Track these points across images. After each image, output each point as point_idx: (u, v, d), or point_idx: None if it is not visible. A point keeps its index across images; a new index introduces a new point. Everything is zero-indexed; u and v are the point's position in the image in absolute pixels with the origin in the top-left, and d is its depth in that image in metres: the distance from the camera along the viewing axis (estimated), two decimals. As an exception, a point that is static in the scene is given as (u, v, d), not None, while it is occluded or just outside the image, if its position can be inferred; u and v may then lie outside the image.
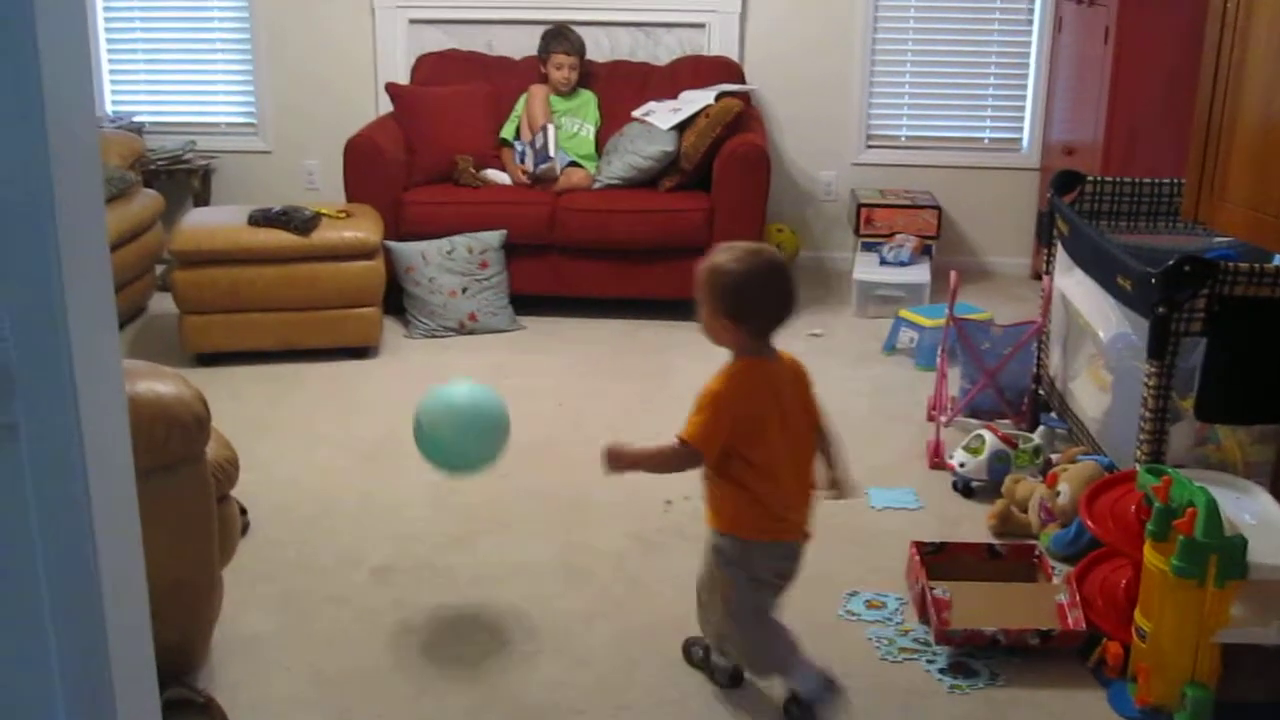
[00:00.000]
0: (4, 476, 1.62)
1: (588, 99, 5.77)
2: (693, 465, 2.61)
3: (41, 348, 1.57)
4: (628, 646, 2.93)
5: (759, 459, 2.55)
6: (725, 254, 2.58)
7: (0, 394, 1.58)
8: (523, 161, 5.50)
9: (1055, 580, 3.06)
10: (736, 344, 2.59)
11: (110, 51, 6.33)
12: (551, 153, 5.38)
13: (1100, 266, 3.42)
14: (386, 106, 5.76)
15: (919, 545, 3.15)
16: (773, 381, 2.60)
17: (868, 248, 5.74)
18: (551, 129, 5.46)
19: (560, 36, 5.71)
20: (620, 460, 2.66)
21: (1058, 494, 3.33)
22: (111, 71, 6.36)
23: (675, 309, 5.33)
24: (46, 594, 1.67)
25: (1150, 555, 2.62)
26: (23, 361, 1.57)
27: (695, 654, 2.85)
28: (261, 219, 4.76)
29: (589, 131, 5.71)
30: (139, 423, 2.37)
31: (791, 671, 2.63)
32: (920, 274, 5.48)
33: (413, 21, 6.09)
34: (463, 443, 2.90)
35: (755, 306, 2.55)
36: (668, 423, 4.13)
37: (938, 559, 3.12)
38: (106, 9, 6.26)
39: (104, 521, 1.68)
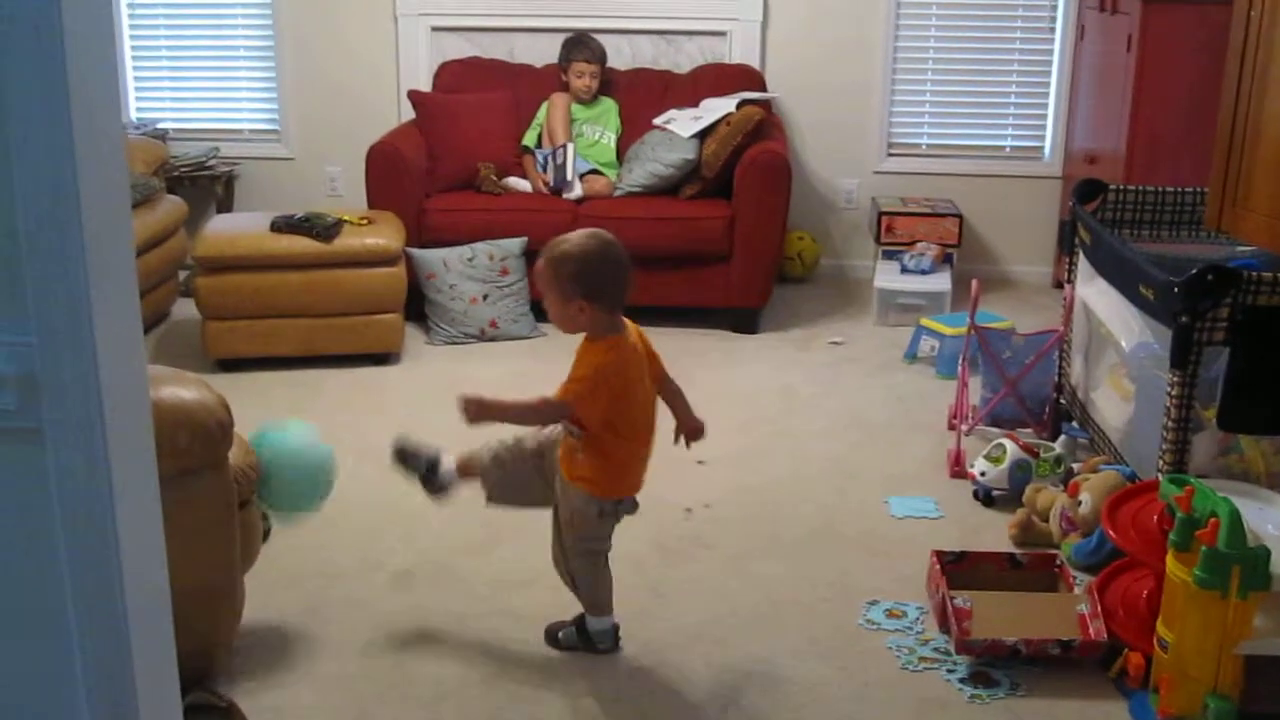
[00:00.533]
0: (29, 481, 1.64)
1: (609, 107, 5.77)
2: (554, 421, 2.87)
3: (67, 353, 1.58)
4: (647, 654, 2.93)
5: (625, 428, 2.79)
6: (565, 243, 2.77)
7: (26, 399, 1.60)
8: (544, 170, 5.52)
9: (1077, 590, 3.05)
10: (594, 324, 2.76)
11: (135, 58, 6.38)
12: (569, 175, 5.41)
13: (1123, 275, 3.41)
14: (409, 113, 5.78)
15: (939, 554, 3.15)
16: (635, 354, 2.81)
17: (889, 256, 5.73)
18: (570, 148, 5.47)
19: (581, 45, 5.72)
20: (482, 410, 2.79)
21: (1079, 504, 3.31)
22: (136, 78, 6.40)
23: (696, 317, 5.34)
24: (70, 597, 1.68)
25: (1173, 566, 2.61)
26: (48, 367, 1.59)
27: (558, 637, 2.98)
28: (284, 225, 4.79)
29: (610, 139, 5.71)
30: (162, 428, 2.38)
31: (604, 612, 2.93)
32: (941, 282, 5.47)
33: (435, 29, 6.11)
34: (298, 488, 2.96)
35: (606, 284, 2.74)
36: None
37: (958, 568, 3.11)
38: (131, 16, 6.30)
39: (127, 526, 1.69)
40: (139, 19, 6.33)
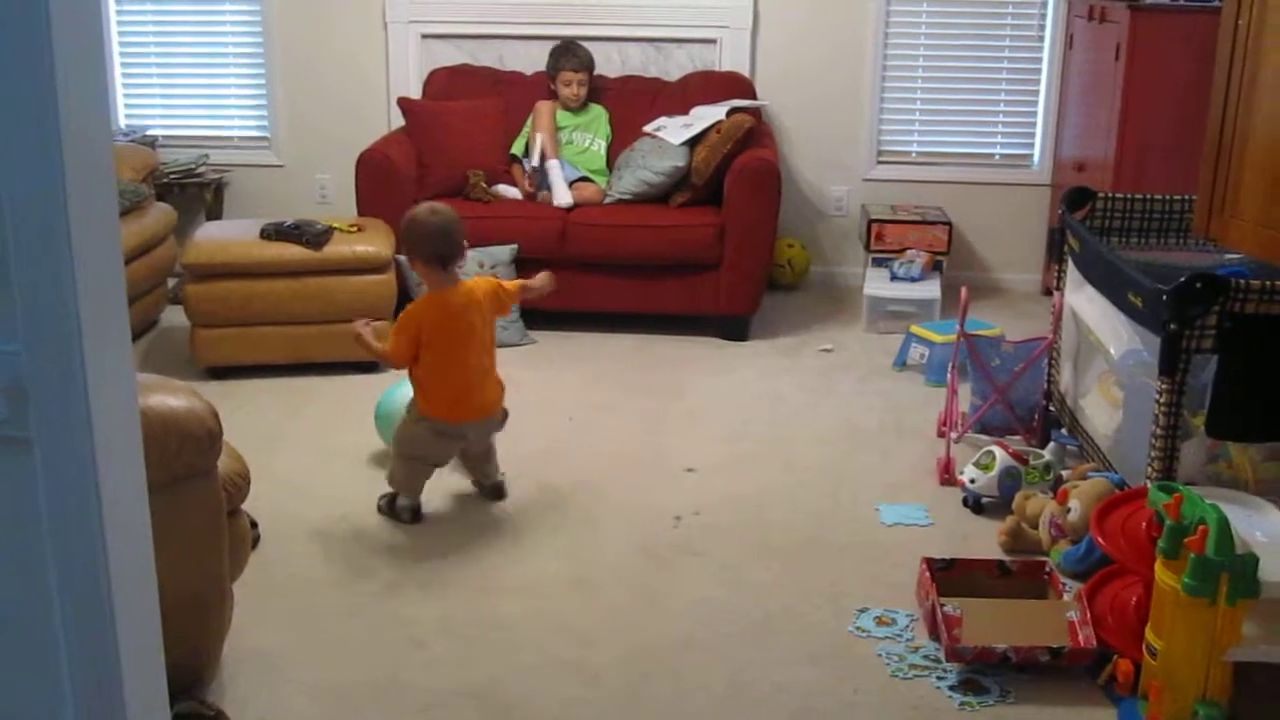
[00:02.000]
0: (18, 490, 1.63)
1: (598, 114, 5.78)
2: (390, 364, 3.78)
3: (55, 362, 1.58)
4: (637, 662, 2.93)
5: (437, 363, 3.53)
6: (411, 213, 3.60)
7: (14, 408, 1.59)
8: (530, 178, 5.53)
9: (1066, 597, 3.06)
10: (431, 280, 3.54)
11: (124, 64, 6.37)
12: (552, 188, 5.44)
13: (1111, 283, 3.42)
14: (399, 121, 5.78)
15: (929, 561, 3.15)
16: (452, 306, 3.53)
17: (878, 263, 5.74)
18: (554, 164, 5.49)
19: (568, 53, 5.73)
20: (359, 342, 3.63)
21: (1068, 510, 3.32)
22: (125, 84, 6.39)
23: (687, 324, 5.34)
24: (58, 606, 1.68)
25: (1161, 573, 2.62)
26: (36, 375, 1.58)
27: (381, 505, 3.69)
28: (274, 233, 4.78)
29: (600, 146, 5.71)
30: (151, 436, 2.37)
31: (410, 496, 3.64)
32: (931, 290, 5.48)
33: (425, 36, 6.11)
34: None
35: (429, 247, 3.50)
36: (679, 437, 4.21)
37: (948, 575, 3.12)
38: (121, 22, 6.29)
39: (116, 535, 1.68)
40: (128, 25, 6.32)
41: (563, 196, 5.39)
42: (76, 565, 1.66)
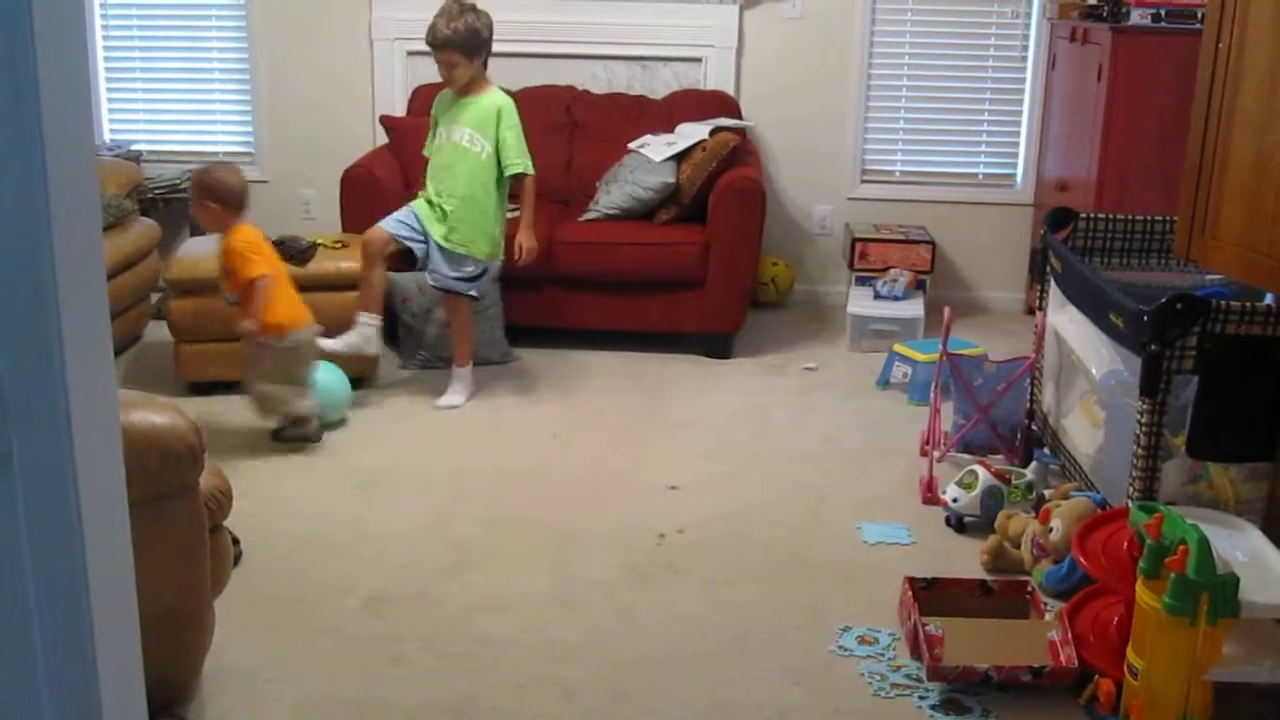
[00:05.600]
0: (-2, 505, 1.62)
1: (486, 106, 4.69)
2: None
3: (36, 374, 1.57)
4: (617, 680, 2.92)
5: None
6: (214, 171, 4.39)
7: (-7, 422, 1.58)
8: None
9: (1048, 617, 3.06)
10: (226, 223, 4.29)
11: (109, 79, 6.36)
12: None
13: (1093, 303, 3.44)
14: (384, 137, 5.78)
15: (911, 580, 3.15)
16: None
17: (862, 282, 5.76)
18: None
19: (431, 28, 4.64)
20: (251, 331, 4.22)
21: (1050, 530, 3.33)
22: (110, 99, 6.38)
23: (671, 342, 5.35)
24: (37, 623, 1.66)
25: (1142, 593, 2.63)
26: (16, 388, 1.57)
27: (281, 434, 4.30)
28: (258, 248, 4.76)
29: (482, 148, 4.66)
30: (132, 452, 2.36)
31: (294, 413, 4.26)
32: (914, 308, 5.50)
33: (411, 53, 6.11)
34: None
35: (239, 197, 4.30)
36: (662, 454, 4.22)
37: (930, 594, 3.12)
38: (106, 37, 6.29)
39: (97, 551, 1.67)
40: (113, 39, 6.31)
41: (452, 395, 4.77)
42: (56, 580, 1.65)
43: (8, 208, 1.52)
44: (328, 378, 4.44)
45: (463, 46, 4.58)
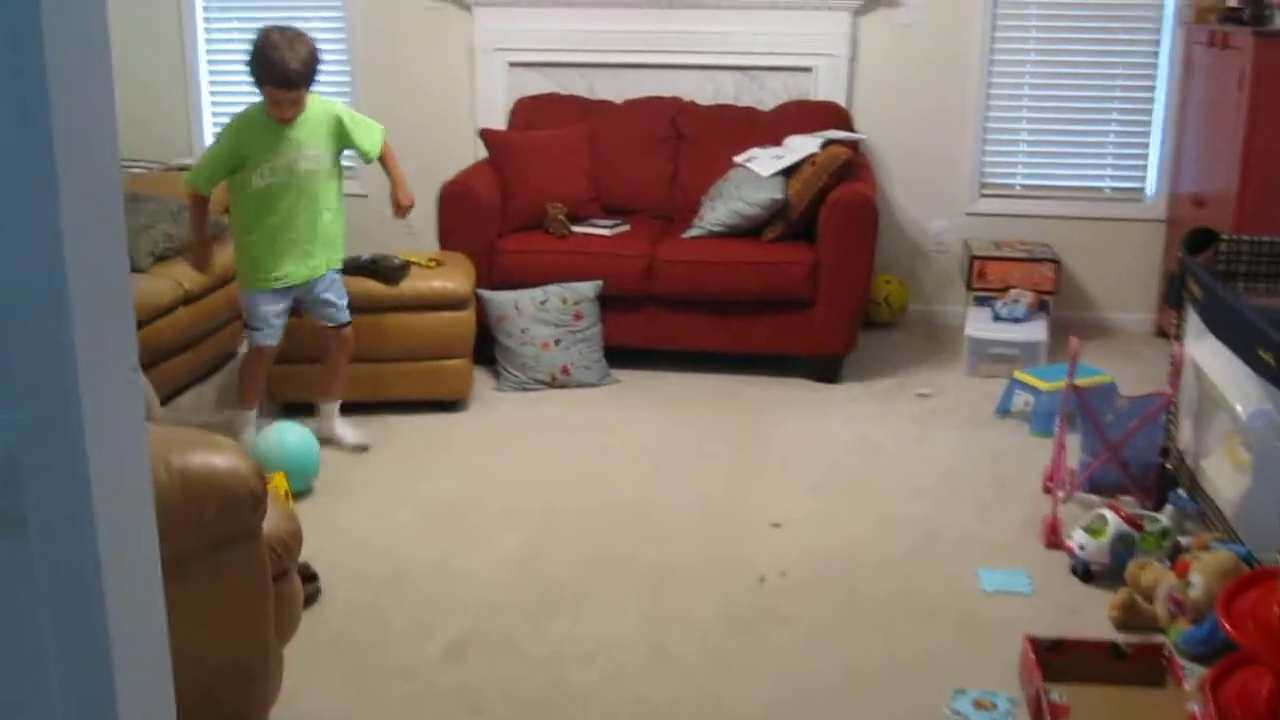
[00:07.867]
0: (12, 573, 1.48)
1: (317, 114, 4.33)
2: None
3: (50, 435, 1.42)
4: (712, 742, 2.71)
5: None
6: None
7: (7, 484, 1.44)
8: None
9: (1186, 685, 2.77)
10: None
11: (212, 86, 6.38)
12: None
13: (1238, 335, 3.14)
14: (484, 151, 5.64)
15: (1034, 641, 2.88)
16: None
17: (981, 302, 5.46)
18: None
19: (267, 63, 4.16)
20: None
21: (1189, 585, 3.03)
22: (213, 105, 6.37)
23: (777, 365, 5.12)
24: (59, 700, 1.53)
25: (1299, 668, 2.34)
26: (32, 448, 1.43)
27: None
28: (351, 267, 4.65)
29: (320, 156, 4.32)
30: (188, 498, 2.23)
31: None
32: (1037, 331, 5.19)
33: (513, 64, 5.98)
34: None
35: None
36: (765, 488, 3.99)
37: (1055, 657, 2.84)
38: (209, 50, 6.29)
39: (120, 621, 1.52)
40: (215, 46, 6.32)
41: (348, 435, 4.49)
42: (78, 654, 1.51)
43: (19, 249, 1.38)
44: (300, 443, 4.02)
45: (312, 78, 4.24)
